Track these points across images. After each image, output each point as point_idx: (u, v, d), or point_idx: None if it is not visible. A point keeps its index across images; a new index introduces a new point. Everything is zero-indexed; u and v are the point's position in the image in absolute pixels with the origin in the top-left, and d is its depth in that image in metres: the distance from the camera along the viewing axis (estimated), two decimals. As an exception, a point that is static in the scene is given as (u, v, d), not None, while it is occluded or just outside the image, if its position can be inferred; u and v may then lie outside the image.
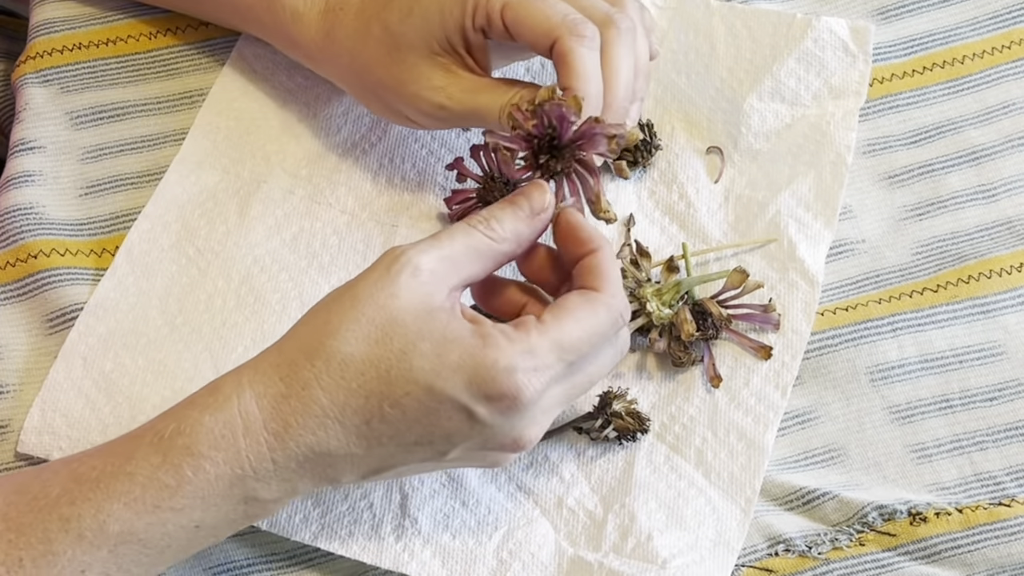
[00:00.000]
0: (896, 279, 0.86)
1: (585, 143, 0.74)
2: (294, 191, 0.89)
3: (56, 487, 0.68)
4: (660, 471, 0.80)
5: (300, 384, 0.68)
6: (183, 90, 0.93)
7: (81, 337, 0.84)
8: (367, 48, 0.83)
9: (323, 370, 0.68)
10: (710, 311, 0.82)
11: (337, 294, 0.69)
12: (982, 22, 0.94)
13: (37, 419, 0.81)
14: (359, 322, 0.68)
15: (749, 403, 0.82)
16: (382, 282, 0.68)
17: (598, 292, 0.71)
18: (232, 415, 0.68)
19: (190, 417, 0.68)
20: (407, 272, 0.68)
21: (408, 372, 0.67)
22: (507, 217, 0.72)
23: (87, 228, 0.89)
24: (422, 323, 0.67)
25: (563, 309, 0.70)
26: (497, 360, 0.67)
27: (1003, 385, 0.83)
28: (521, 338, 0.68)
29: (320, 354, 0.68)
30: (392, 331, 0.67)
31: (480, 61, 0.81)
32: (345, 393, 0.68)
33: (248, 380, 0.69)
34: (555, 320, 0.69)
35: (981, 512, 0.78)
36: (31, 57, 0.94)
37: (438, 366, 0.67)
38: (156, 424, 0.69)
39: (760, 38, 0.93)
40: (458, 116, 0.81)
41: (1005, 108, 0.91)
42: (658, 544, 0.77)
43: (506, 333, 0.68)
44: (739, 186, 0.89)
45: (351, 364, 0.68)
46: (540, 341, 0.68)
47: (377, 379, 0.67)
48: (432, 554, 0.77)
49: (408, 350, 0.67)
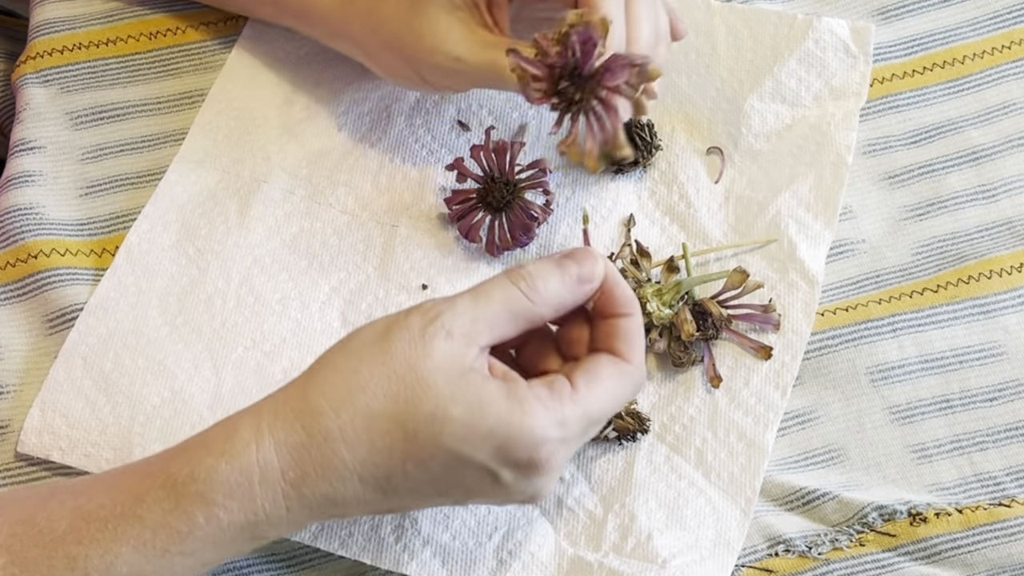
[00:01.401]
0: (896, 279, 0.86)
1: (608, 73, 0.73)
2: (294, 191, 0.89)
3: (63, 522, 0.66)
4: (660, 471, 0.80)
5: (323, 436, 0.66)
6: (183, 90, 0.93)
7: (81, 337, 0.84)
8: (387, 4, 0.83)
9: (348, 424, 0.66)
10: (710, 311, 0.82)
11: (369, 341, 0.67)
12: (982, 22, 0.94)
13: (37, 419, 0.81)
14: (389, 380, 0.66)
15: (749, 403, 0.82)
16: (416, 343, 0.66)
17: (628, 364, 0.70)
18: (250, 463, 0.66)
19: (205, 463, 0.66)
20: (440, 336, 0.66)
21: (437, 437, 0.66)
22: (552, 280, 0.70)
23: (87, 228, 0.89)
24: (454, 386, 0.66)
25: (596, 379, 0.69)
26: (532, 429, 0.66)
27: (1003, 385, 0.83)
28: (556, 407, 0.67)
29: (346, 407, 0.66)
30: (423, 393, 0.66)
31: (499, 20, 0.82)
32: (368, 449, 0.66)
33: (268, 425, 0.67)
34: (588, 390, 0.68)
35: (981, 512, 0.78)
36: (31, 57, 0.94)
37: (469, 433, 0.66)
38: (168, 465, 0.67)
39: (761, 38, 0.93)
40: (474, 70, 0.81)
41: (1005, 108, 0.91)
42: (658, 544, 0.77)
43: (541, 399, 0.67)
44: (739, 186, 0.89)
45: (377, 422, 0.66)
46: (573, 411, 0.68)
47: (403, 439, 0.66)
48: (432, 554, 0.77)
49: (438, 415, 0.66)
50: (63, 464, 0.80)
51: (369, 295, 0.86)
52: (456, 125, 0.91)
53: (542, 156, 0.89)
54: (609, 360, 0.70)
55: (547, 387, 0.68)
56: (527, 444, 0.66)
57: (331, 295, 0.86)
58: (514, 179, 0.85)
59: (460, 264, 0.87)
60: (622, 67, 0.73)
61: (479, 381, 0.66)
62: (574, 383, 0.69)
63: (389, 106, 0.91)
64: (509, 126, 0.91)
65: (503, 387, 0.67)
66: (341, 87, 0.92)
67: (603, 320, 0.72)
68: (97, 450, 0.80)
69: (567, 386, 0.68)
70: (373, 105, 0.92)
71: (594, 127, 0.74)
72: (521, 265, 0.70)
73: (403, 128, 0.91)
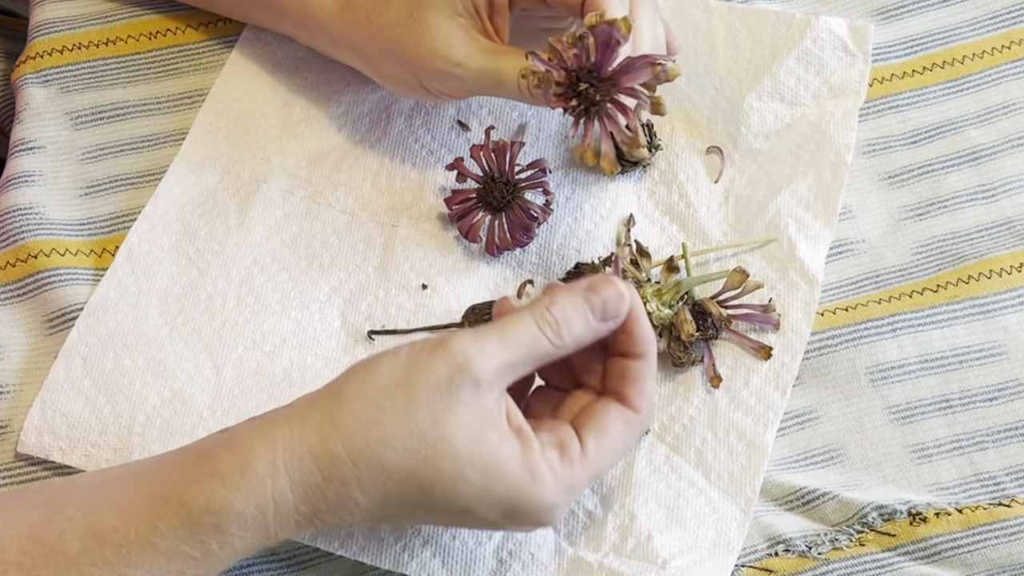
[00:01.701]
0: (896, 279, 0.86)
1: (626, 75, 0.73)
2: (294, 191, 0.89)
3: (75, 542, 0.66)
4: (660, 471, 0.80)
5: (339, 481, 0.66)
6: (183, 90, 0.93)
7: (81, 337, 0.84)
8: (388, 10, 0.83)
9: (365, 473, 0.66)
10: (710, 311, 0.82)
11: (391, 387, 0.67)
12: (982, 22, 0.94)
13: (37, 419, 0.81)
14: (411, 435, 0.66)
15: (749, 403, 0.82)
16: (441, 394, 0.66)
17: (637, 413, 0.71)
18: (265, 499, 0.66)
19: (220, 495, 0.66)
20: (468, 387, 0.66)
21: (450, 495, 0.67)
22: (577, 323, 0.69)
23: (87, 228, 0.89)
24: (473, 447, 0.67)
25: (604, 435, 0.70)
26: (543, 499, 0.68)
27: (1003, 385, 0.83)
28: (566, 474, 0.69)
29: (364, 458, 0.66)
30: (443, 451, 0.66)
31: (499, 29, 0.82)
32: (381, 496, 0.67)
33: (284, 463, 0.66)
34: (597, 450, 0.70)
35: (981, 512, 0.78)
36: (31, 57, 0.94)
37: (482, 495, 0.67)
38: (182, 493, 0.66)
39: (759, 38, 0.93)
40: (474, 76, 0.81)
41: (1005, 108, 0.91)
42: (658, 544, 0.77)
43: (552, 467, 0.68)
44: (739, 186, 0.89)
45: (394, 475, 0.66)
46: (582, 475, 0.69)
47: (417, 492, 0.67)
48: (432, 554, 0.77)
49: (455, 476, 0.67)
50: (63, 464, 0.81)
51: (369, 295, 0.86)
52: (456, 125, 0.91)
53: (542, 156, 0.89)
54: (618, 412, 0.71)
55: (558, 450, 0.69)
56: (536, 510, 0.68)
57: (331, 295, 0.86)
58: (514, 179, 0.85)
59: (460, 264, 0.87)
60: (643, 67, 0.73)
61: (496, 442, 0.67)
62: (584, 442, 0.70)
63: (389, 106, 0.91)
64: (509, 126, 0.91)
65: (518, 451, 0.68)
66: (341, 87, 0.92)
67: (618, 357, 0.72)
68: (97, 450, 0.80)
69: (577, 448, 0.69)
70: (373, 105, 0.92)
71: (610, 129, 0.75)
72: (549, 300, 0.69)
73: (403, 128, 0.91)
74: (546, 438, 0.70)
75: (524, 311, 0.69)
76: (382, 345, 0.84)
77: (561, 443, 0.69)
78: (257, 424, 0.68)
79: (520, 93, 0.79)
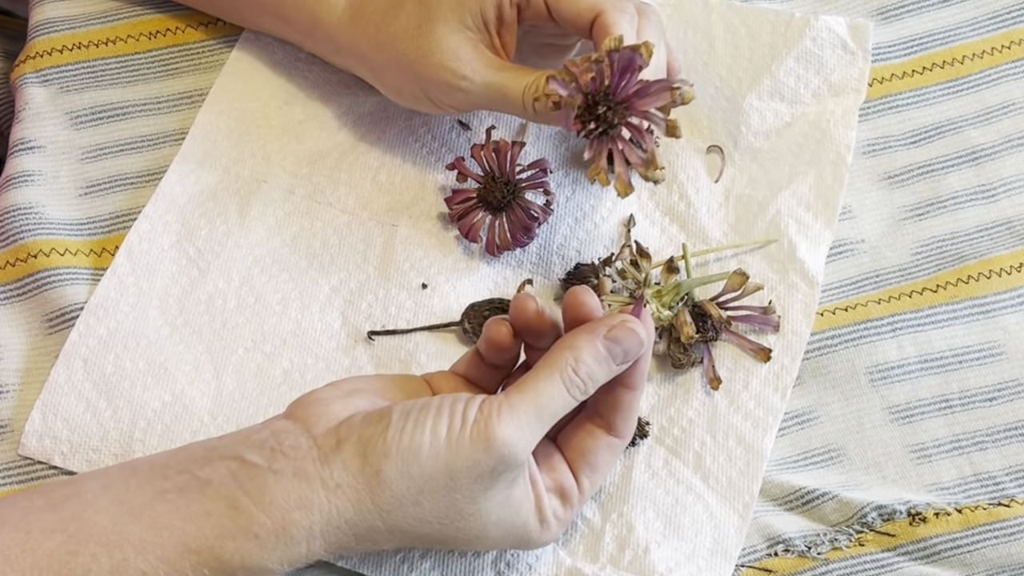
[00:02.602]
0: (896, 279, 0.86)
1: (643, 98, 0.74)
2: (294, 191, 0.89)
3: None
4: (659, 476, 0.80)
5: (371, 541, 0.70)
6: (183, 90, 0.93)
7: (81, 338, 0.84)
8: (396, 21, 0.83)
9: (398, 537, 0.70)
10: (710, 313, 0.82)
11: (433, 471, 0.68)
12: (982, 22, 0.94)
13: (38, 422, 0.81)
14: (448, 511, 0.69)
15: (748, 406, 0.82)
16: (482, 481, 0.69)
17: (622, 440, 0.75)
18: (299, 556, 0.69)
19: (255, 555, 0.68)
20: (508, 475, 0.69)
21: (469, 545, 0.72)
22: (599, 372, 0.71)
23: (87, 228, 0.89)
24: (502, 511, 0.70)
25: (597, 470, 0.74)
26: (547, 540, 0.74)
27: (1003, 385, 0.83)
28: (568, 516, 0.74)
29: (400, 529, 0.69)
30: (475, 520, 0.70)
31: (507, 44, 0.83)
32: (402, 543, 0.71)
33: (321, 531, 0.68)
34: (591, 485, 0.74)
35: (980, 512, 0.79)
36: (31, 57, 0.94)
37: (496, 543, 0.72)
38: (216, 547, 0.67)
39: (759, 37, 0.93)
40: (480, 91, 0.81)
41: (1005, 108, 0.91)
42: (655, 557, 0.77)
43: (557, 514, 0.73)
44: (739, 185, 0.89)
45: (424, 538, 0.70)
46: (579, 510, 0.75)
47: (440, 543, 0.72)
48: (431, 566, 0.77)
49: (480, 536, 0.71)
50: (64, 467, 0.81)
51: (369, 294, 0.86)
52: (456, 125, 0.91)
53: (543, 156, 0.89)
54: (606, 444, 0.74)
55: (559, 498, 0.73)
56: (537, 546, 0.74)
57: (331, 295, 0.86)
58: (514, 179, 0.85)
59: (460, 264, 0.87)
60: (661, 91, 0.73)
61: (519, 501, 0.71)
62: (580, 484, 0.74)
63: (389, 106, 0.91)
64: (510, 126, 0.91)
65: (533, 505, 0.72)
66: (341, 87, 0.92)
67: (614, 385, 0.73)
68: (99, 456, 0.80)
69: (576, 492, 0.74)
70: (374, 105, 0.92)
71: (624, 151, 0.75)
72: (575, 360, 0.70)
73: (403, 127, 0.91)
74: (549, 483, 0.73)
75: (553, 373, 0.70)
76: (382, 345, 0.84)
77: (561, 489, 0.73)
78: (289, 482, 0.68)
79: (524, 110, 0.80)
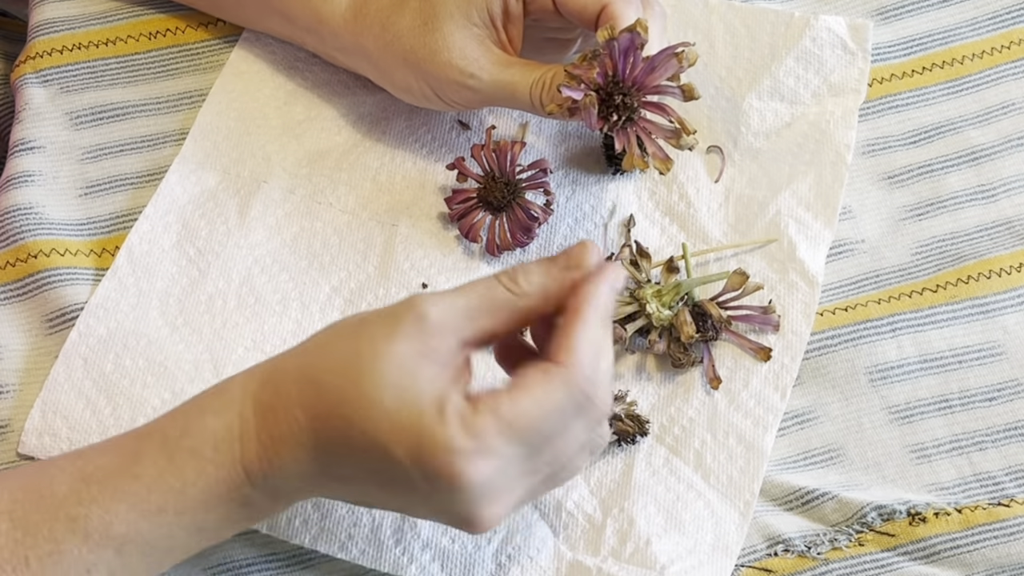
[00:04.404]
0: (896, 279, 0.86)
1: (652, 72, 0.75)
2: (294, 191, 0.89)
3: (63, 485, 0.68)
4: (659, 474, 0.80)
5: (285, 397, 0.67)
6: (183, 90, 0.93)
7: (82, 338, 0.84)
8: (402, 18, 0.83)
9: (305, 389, 0.67)
10: (710, 313, 0.82)
11: (350, 322, 0.68)
12: (982, 22, 0.94)
13: (38, 420, 0.81)
14: (348, 354, 0.66)
15: (748, 406, 0.82)
16: (385, 323, 0.66)
17: (558, 366, 0.66)
18: (232, 419, 0.68)
19: (197, 419, 0.68)
20: (410, 318, 0.66)
21: (365, 419, 0.65)
22: (536, 271, 0.68)
23: (87, 228, 0.89)
24: (402, 376, 0.65)
25: (519, 388, 0.65)
26: (442, 440, 0.64)
27: (1002, 385, 0.83)
28: (471, 420, 0.64)
29: (306, 376, 0.67)
30: (369, 370, 0.65)
31: (513, 39, 0.83)
32: (314, 415, 0.66)
33: (248, 384, 0.69)
34: (509, 400, 0.65)
35: (980, 512, 0.79)
36: (31, 57, 0.94)
37: (392, 425, 0.64)
38: (164, 425, 0.69)
39: (758, 37, 0.93)
40: (487, 87, 0.82)
41: (1005, 108, 0.91)
42: (656, 549, 0.78)
43: (462, 413, 0.64)
44: (739, 185, 0.89)
45: (325, 394, 0.66)
46: (487, 422, 0.64)
47: (340, 417, 0.65)
48: (431, 558, 0.77)
49: (374, 400, 0.65)
50: (64, 466, 0.81)
51: (369, 294, 0.86)
52: (456, 124, 0.91)
53: (543, 156, 0.89)
54: (536, 367, 0.66)
55: (471, 402, 0.65)
56: (435, 452, 0.64)
57: (332, 295, 0.86)
58: (514, 179, 0.86)
59: (460, 264, 0.87)
60: (666, 59, 0.75)
61: (427, 377, 0.65)
62: (498, 398, 0.65)
63: (389, 106, 0.91)
64: (510, 125, 0.91)
65: (439, 396, 0.65)
66: (341, 87, 0.92)
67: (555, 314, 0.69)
68: (98, 454, 0.81)
69: (489, 404, 0.65)
70: (374, 105, 0.92)
71: (651, 131, 0.76)
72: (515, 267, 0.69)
73: (403, 127, 0.91)
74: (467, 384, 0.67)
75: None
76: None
77: (477, 396, 0.66)
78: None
79: (533, 106, 0.80)
